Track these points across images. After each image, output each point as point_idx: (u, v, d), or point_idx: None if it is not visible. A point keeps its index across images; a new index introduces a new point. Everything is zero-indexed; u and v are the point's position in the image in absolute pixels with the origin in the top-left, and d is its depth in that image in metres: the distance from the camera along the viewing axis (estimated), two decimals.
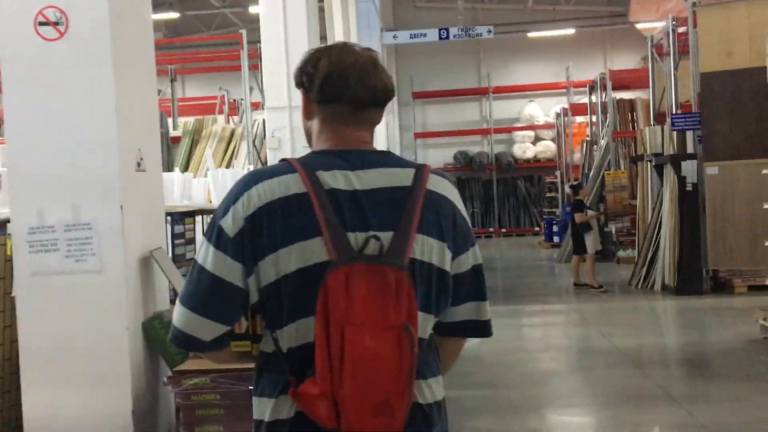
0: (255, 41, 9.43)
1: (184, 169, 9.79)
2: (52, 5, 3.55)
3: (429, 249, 1.41)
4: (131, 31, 3.84)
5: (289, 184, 1.40)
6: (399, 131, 22.01)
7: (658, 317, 8.73)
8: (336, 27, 13.50)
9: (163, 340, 3.75)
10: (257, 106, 10.40)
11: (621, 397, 5.08)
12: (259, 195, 1.41)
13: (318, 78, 1.47)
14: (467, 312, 1.52)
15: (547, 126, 21.71)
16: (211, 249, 1.42)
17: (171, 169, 9.29)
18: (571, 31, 21.42)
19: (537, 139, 22.09)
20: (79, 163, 3.54)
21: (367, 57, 1.49)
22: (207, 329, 1.43)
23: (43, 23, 3.55)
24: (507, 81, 22.38)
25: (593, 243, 10.15)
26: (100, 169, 3.54)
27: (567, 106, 19.24)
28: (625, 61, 20.78)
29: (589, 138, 16.22)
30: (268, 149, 8.90)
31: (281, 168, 1.44)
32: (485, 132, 22.55)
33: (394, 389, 1.31)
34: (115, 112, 3.57)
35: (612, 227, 13.32)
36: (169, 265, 3.95)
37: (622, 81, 14.83)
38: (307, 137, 1.57)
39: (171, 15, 18.86)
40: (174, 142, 10.37)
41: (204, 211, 5.79)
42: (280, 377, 1.40)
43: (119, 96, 3.61)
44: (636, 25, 20.45)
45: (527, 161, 21.87)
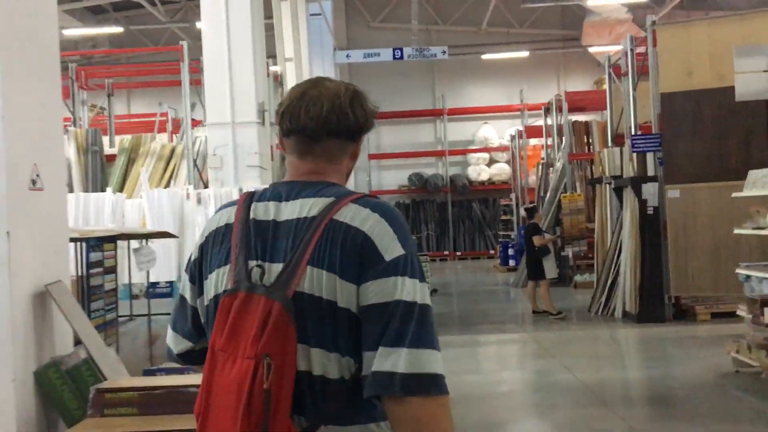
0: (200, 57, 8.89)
1: (118, 189, 9.12)
2: None
3: (318, 281, 1.36)
4: (24, 36, 3.27)
5: (227, 215, 1.50)
6: None
7: (621, 348, 8.35)
8: (286, 44, 13.02)
9: (60, 392, 3.14)
10: (200, 123, 9.81)
11: None
12: (209, 225, 1.53)
13: (280, 112, 1.50)
14: (383, 360, 1.32)
15: (502, 148, 21.57)
16: (183, 272, 1.57)
17: (104, 190, 8.63)
18: (525, 54, 21.39)
19: (492, 162, 21.94)
20: None
21: (333, 90, 1.48)
22: (175, 342, 1.57)
23: None
24: (461, 103, 22.24)
25: (551, 268, 9.79)
26: None
27: (522, 128, 19.09)
28: (579, 85, 20.82)
29: (545, 160, 16.02)
30: (209, 168, 8.31)
31: (236, 199, 1.52)
32: (440, 154, 22.30)
33: (235, 422, 1.29)
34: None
35: (569, 251, 13.04)
36: (70, 302, 3.34)
37: (577, 103, 14.66)
38: None
39: (115, 29, 18.09)
40: (109, 160, 9.69)
41: (127, 236, 5.16)
42: None
43: (6, 105, 3.02)
44: (589, 49, 20.56)
45: (482, 183, 21.69)
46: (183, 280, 1.56)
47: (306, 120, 1.45)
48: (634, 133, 9.34)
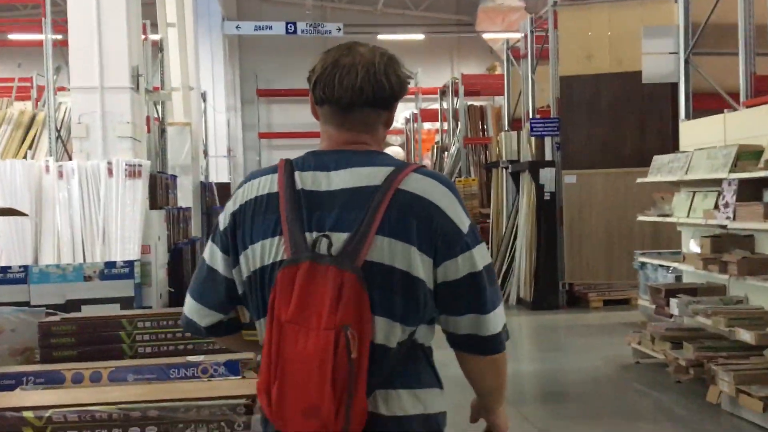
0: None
1: None
2: None
3: (391, 252, 1.36)
4: None
5: (268, 183, 1.45)
6: (242, 130, 20.65)
7: (515, 336, 8.11)
8: (168, 8, 12.00)
9: None
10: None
11: None
12: (244, 193, 1.47)
13: (312, 80, 1.49)
14: (466, 325, 1.43)
15: (396, 131, 21.27)
16: (209, 242, 1.50)
17: None
18: (420, 37, 21.16)
19: (386, 145, 21.61)
20: None
21: (368, 57, 1.45)
22: (201, 314, 1.52)
23: None
24: None
25: None
26: None
27: (416, 111, 18.84)
28: (472, 70, 20.78)
29: (439, 144, 15.80)
30: (73, 139, 7.35)
31: (270, 168, 1.48)
32: None
33: (321, 393, 1.29)
34: None
35: None
36: None
37: (473, 87, 14.47)
38: None
39: None
40: None
41: None
42: None
43: None
44: (482, 35, 20.60)
45: None
46: (211, 250, 1.50)
47: (340, 91, 1.43)
48: (532, 117, 9.15)
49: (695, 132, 5.77)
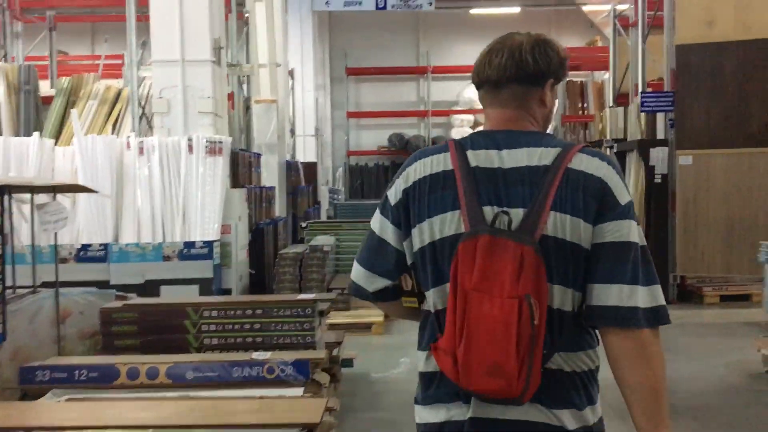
0: None
1: (53, 135, 7.94)
2: None
3: (562, 225, 1.47)
4: None
5: (441, 162, 1.57)
6: (330, 109, 20.40)
7: None
8: None
9: None
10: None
11: None
12: (416, 171, 1.59)
13: (475, 71, 1.62)
14: (614, 295, 1.47)
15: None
16: (378, 215, 1.64)
17: (39, 135, 7.44)
18: (516, 10, 20.19)
19: (476, 124, 20.87)
20: None
21: (518, 40, 1.58)
22: (369, 281, 1.64)
23: None
24: (447, 61, 21.03)
25: None
26: None
27: None
28: (571, 45, 19.66)
29: None
30: (154, 114, 7.13)
31: (440, 148, 1.59)
32: (422, 114, 21.15)
33: (506, 354, 1.39)
34: None
35: None
36: None
37: (573, 60, 13.54)
38: None
39: None
40: (46, 102, 8.47)
41: (17, 188, 4.01)
42: (431, 334, 1.55)
43: None
44: (582, 8, 19.44)
45: None
46: (380, 223, 1.63)
47: (489, 71, 1.58)
48: (643, 91, 8.28)
49: None
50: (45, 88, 9.13)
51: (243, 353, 3.77)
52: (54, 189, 4.45)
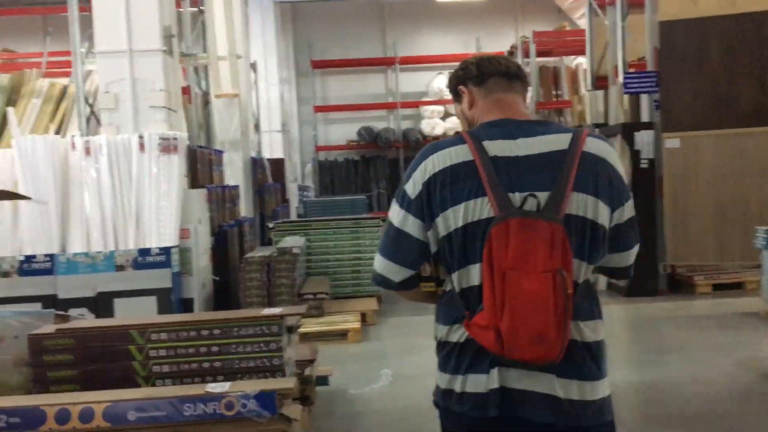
0: None
1: None
2: None
3: (583, 205, 1.65)
4: None
5: (459, 153, 1.70)
6: (297, 104, 19.81)
7: (613, 332, 6.74)
8: None
9: None
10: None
11: None
12: (434, 163, 1.71)
13: (472, 67, 1.84)
14: (630, 258, 1.83)
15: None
16: (397, 208, 1.75)
17: None
18: None
19: (447, 115, 20.44)
20: None
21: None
22: (395, 272, 1.77)
23: None
24: (414, 51, 20.54)
25: None
26: None
27: None
28: (539, 31, 19.35)
29: None
30: (101, 109, 6.51)
31: (454, 140, 1.73)
32: (391, 106, 20.63)
33: (547, 323, 1.56)
34: None
35: None
36: None
37: (545, 45, 13.13)
38: (469, 125, 1.86)
39: None
40: None
41: None
42: (454, 310, 1.71)
43: None
44: None
45: (436, 138, 20.20)
46: (400, 216, 1.74)
47: (506, 63, 1.83)
48: (625, 71, 7.87)
49: None
50: None
51: (198, 384, 3.21)
52: None
